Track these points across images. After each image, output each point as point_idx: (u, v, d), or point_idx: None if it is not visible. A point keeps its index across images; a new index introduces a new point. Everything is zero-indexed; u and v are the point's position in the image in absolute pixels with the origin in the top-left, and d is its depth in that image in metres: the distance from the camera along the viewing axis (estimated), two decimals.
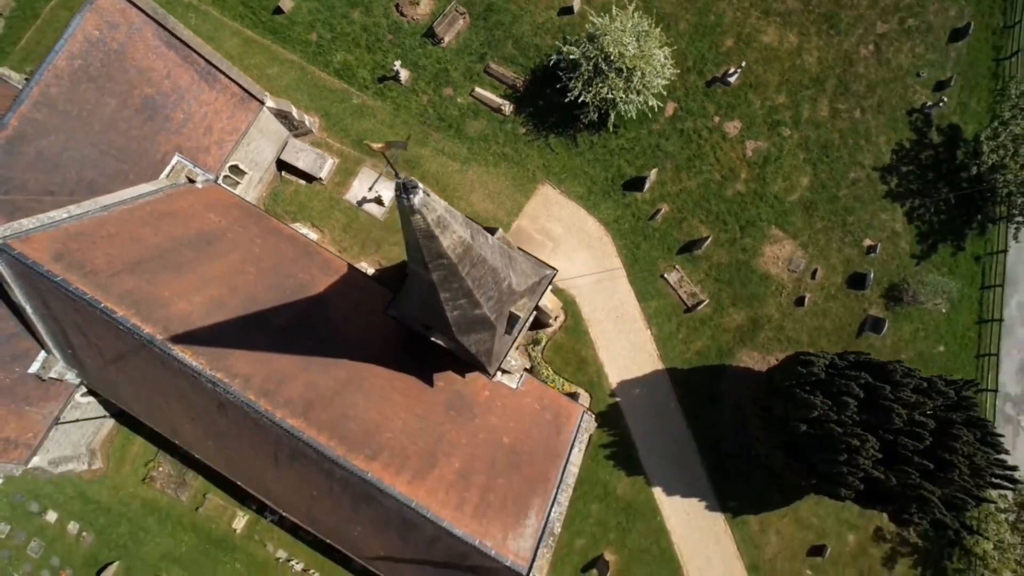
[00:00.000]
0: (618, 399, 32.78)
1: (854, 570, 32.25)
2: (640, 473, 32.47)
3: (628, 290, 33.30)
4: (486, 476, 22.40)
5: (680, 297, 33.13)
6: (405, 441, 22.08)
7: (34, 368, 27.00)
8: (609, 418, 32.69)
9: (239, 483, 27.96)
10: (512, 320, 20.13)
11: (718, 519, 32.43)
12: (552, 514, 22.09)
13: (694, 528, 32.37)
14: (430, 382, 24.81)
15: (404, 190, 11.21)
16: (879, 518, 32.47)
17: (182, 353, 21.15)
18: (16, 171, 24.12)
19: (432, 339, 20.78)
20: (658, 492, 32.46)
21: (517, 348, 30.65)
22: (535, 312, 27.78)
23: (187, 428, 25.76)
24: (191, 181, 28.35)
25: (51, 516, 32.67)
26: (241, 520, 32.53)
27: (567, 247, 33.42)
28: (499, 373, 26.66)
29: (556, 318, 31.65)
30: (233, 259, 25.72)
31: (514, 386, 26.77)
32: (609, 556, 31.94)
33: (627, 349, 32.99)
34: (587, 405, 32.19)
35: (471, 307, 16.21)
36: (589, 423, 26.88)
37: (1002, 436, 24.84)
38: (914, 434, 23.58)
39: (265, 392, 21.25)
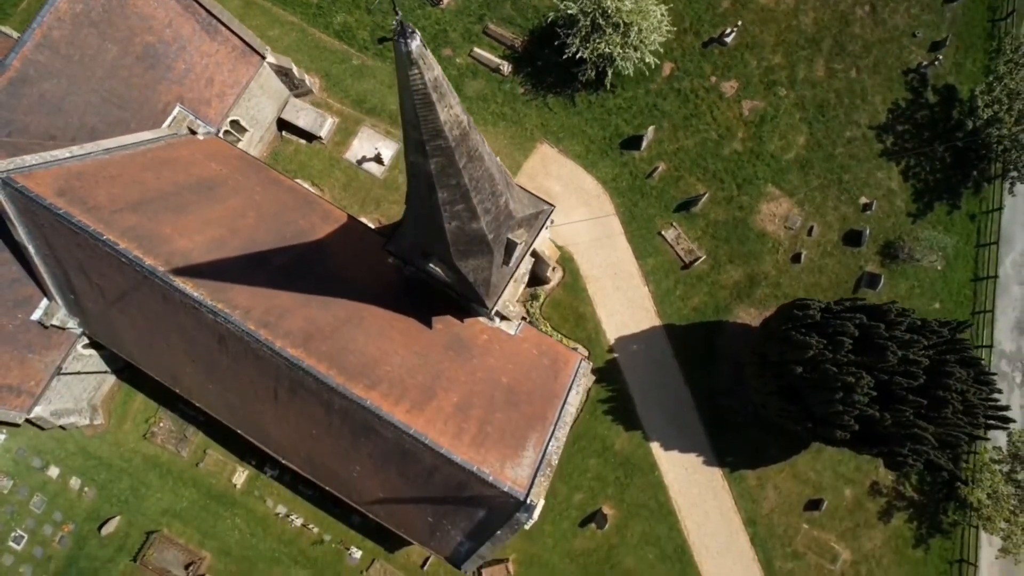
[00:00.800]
0: (616, 355, 33.01)
1: (851, 523, 32.44)
2: (638, 428, 32.67)
3: (626, 247, 33.54)
4: (484, 411, 22.63)
5: (677, 254, 33.36)
6: (404, 375, 22.31)
7: (36, 315, 27.23)
8: (607, 374, 32.91)
9: (239, 431, 28.18)
10: (510, 249, 20.36)
11: (716, 474, 32.62)
12: (550, 447, 22.31)
13: (692, 483, 32.56)
14: (429, 324, 25.03)
15: (402, 31, 11.17)
16: (875, 472, 32.67)
17: (183, 284, 21.39)
18: (18, 113, 24.38)
19: (430, 267, 21.00)
20: (656, 447, 32.66)
21: (516, 301, 30.81)
22: (533, 260, 27.99)
23: (188, 372, 25.98)
24: (192, 132, 28.61)
25: (53, 471, 32.88)
26: (241, 476, 32.74)
27: (565, 205, 33.63)
28: (497, 319, 26.90)
29: (553, 269, 31.80)
30: (234, 204, 25.97)
31: (512, 332, 26.99)
32: (608, 510, 32.15)
33: (625, 306, 33.22)
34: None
35: (469, 218, 16.43)
36: (587, 370, 27.08)
37: (995, 374, 25.04)
38: (908, 373, 23.80)
39: (265, 323, 21.49)
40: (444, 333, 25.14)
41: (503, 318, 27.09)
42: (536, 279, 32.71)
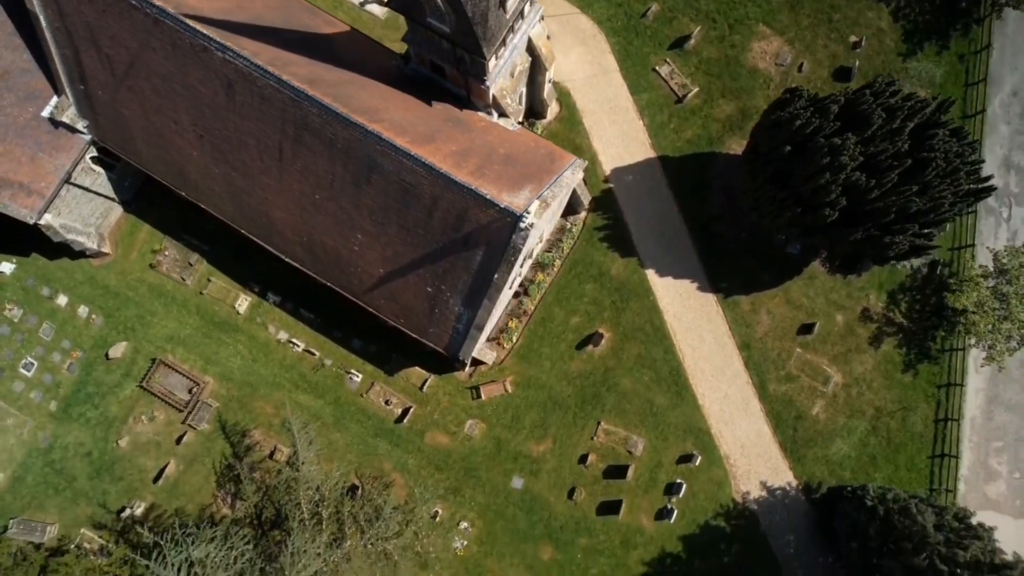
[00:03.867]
0: (611, 185, 33.79)
1: (842, 348, 33.09)
2: (633, 255, 33.39)
3: (621, 83, 34.36)
4: (482, 161, 23.36)
5: (671, 89, 34.16)
6: (405, 123, 23.07)
7: (47, 111, 28.07)
8: (603, 203, 33.67)
9: (243, 230, 29.04)
10: None
11: (710, 300, 33.33)
12: (545, 192, 22.99)
13: (687, 308, 33.24)
14: (428, 103, 25.78)
15: None
16: (866, 299, 33.33)
17: (194, 24, 22.15)
18: None
19: (431, 20, 21.72)
20: (651, 274, 33.36)
21: (513, 94, 30.82)
22: (530, 60, 28.65)
23: (194, 157, 26.72)
24: None
25: (62, 300, 33.56)
26: (244, 303, 33.41)
27: (562, 44, 34.43)
28: (495, 114, 27.65)
29: (550, 81, 32.31)
30: None
31: (510, 128, 27.74)
32: (604, 333, 32.78)
33: (620, 138, 34.01)
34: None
35: None
36: (582, 166, 27.76)
37: (977, 141, 25.78)
38: (893, 142, 24.53)
39: (272, 63, 22.25)
40: (443, 112, 25.88)
41: (502, 114, 27.86)
42: (532, 113, 33.44)
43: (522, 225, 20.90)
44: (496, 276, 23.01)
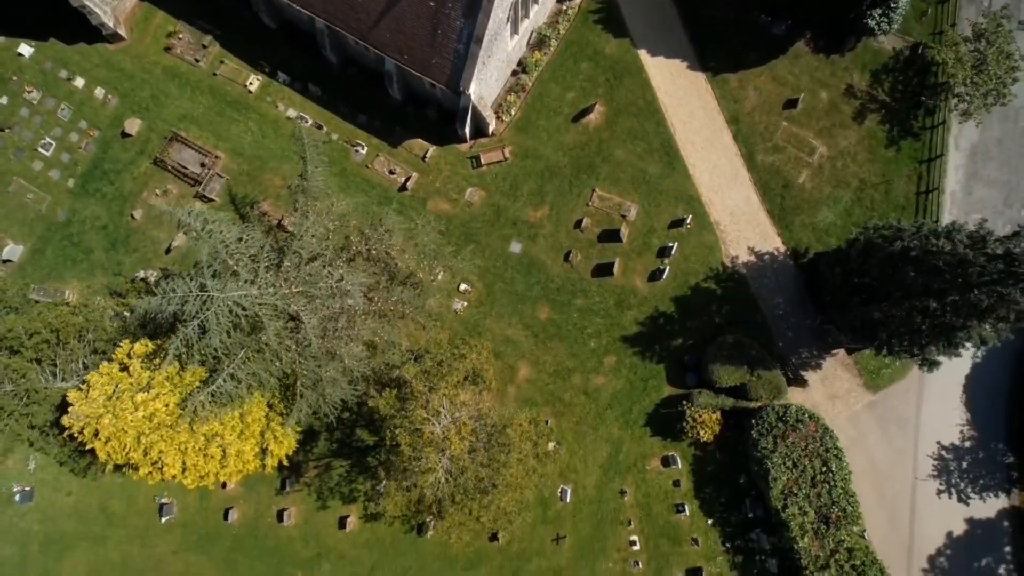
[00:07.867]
0: None
1: (827, 123, 34.48)
2: (626, 36, 34.87)
3: None
4: None
5: None
6: None
7: None
8: None
9: None
10: None
11: (699, 78, 34.78)
12: None
13: (677, 86, 34.69)
14: None
15: None
16: (850, 76, 34.74)
17: None
18: None
19: None
20: (643, 54, 34.83)
21: None
22: None
23: None
24: None
25: (79, 82, 34.99)
26: (255, 82, 34.84)
27: None
28: None
29: None
30: None
31: None
32: (599, 107, 34.20)
33: None
34: None
35: None
36: None
37: None
38: None
39: None
40: None
41: None
42: None
43: None
44: None
